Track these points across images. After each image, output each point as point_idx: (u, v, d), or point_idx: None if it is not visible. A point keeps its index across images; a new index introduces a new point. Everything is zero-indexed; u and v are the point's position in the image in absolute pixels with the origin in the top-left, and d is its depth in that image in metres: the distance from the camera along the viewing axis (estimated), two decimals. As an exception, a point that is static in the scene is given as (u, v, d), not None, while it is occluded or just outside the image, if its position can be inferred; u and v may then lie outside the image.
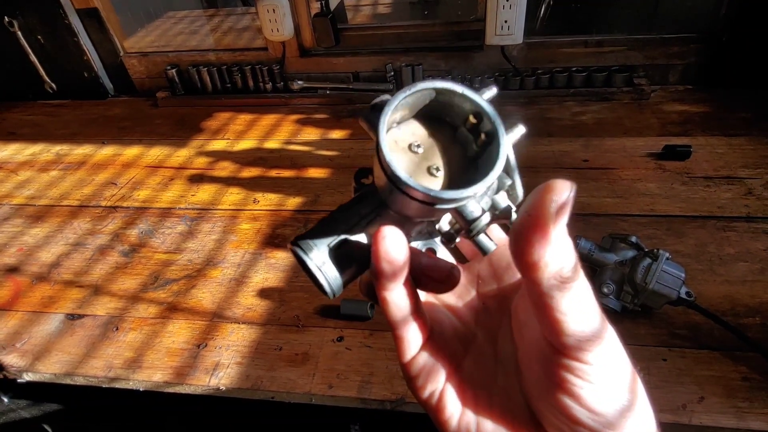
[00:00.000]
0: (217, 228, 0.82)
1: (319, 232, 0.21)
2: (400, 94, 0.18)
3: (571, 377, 0.18)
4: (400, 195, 0.18)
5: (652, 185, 0.80)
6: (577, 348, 0.17)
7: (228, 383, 0.59)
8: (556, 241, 0.16)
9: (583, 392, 0.18)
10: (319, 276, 0.21)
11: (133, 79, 1.27)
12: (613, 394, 0.18)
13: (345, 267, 0.21)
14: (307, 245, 0.21)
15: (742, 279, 0.63)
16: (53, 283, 0.75)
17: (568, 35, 1.07)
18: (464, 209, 0.19)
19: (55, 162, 1.05)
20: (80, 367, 0.63)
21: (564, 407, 0.18)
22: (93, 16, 1.19)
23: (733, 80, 1.02)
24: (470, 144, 0.20)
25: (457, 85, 0.19)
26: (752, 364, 0.53)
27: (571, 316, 0.17)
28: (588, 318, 0.18)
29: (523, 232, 0.17)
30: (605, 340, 0.18)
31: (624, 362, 0.19)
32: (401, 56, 1.10)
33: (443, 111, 0.20)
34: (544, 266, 0.16)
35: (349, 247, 0.21)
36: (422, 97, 0.19)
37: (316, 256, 0.20)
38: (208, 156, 1.01)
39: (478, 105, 0.19)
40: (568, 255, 0.17)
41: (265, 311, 0.67)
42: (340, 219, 0.21)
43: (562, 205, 0.16)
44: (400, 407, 0.55)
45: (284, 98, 1.16)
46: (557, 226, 0.16)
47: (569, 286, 0.17)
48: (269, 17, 1.05)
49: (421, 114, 0.20)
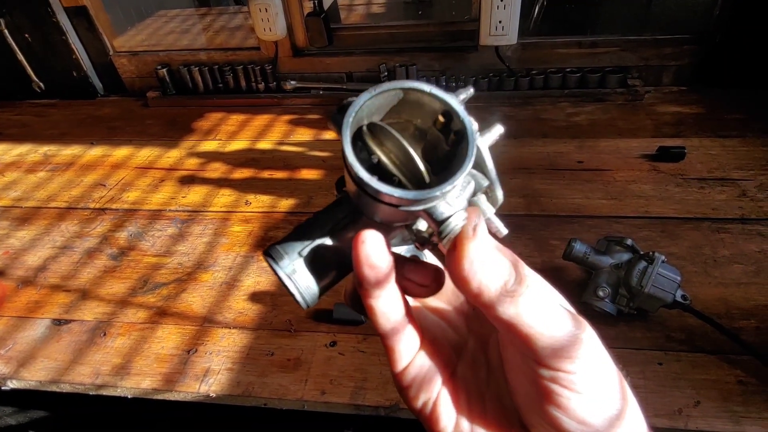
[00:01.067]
0: (208, 230, 0.81)
1: (292, 239, 0.20)
2: (365, 95, 0.18)
3: (556, 388, 0.17)
4: (366, 198, 0.18)
5: (647, 187, 0.80)
6: (555, 357, 0.17)
7: (218, 390, 0.57)
8: (479, 263, 0.16)
9: (570, 403, 0.17)
10: (289, 285, 0.20)
11: (123, 79, 1.25)
12: (601, 401, 0.18)
13: (320, 274, 0.20)
14: (277, 253, 0.20)
15: (737, 281, 0.63)
16: (39, 287, 0.74)
17: (562, 36, 1.07)
18: (434, 210, 0.18)
19: (43, 163, 1.03)
20: (67, 374, 0.61)
21: (553, 419, 0.18)
22: (82, 15, 1.17)
23: (727, 81, 1.02)
24: (441, 144, 0.19)
25: (425, 84, 0.18)
26: (748, 367, 0.53)
27: (537, 327, 0.17)
28: (557, 324, 0.17)
29: (449, 268, 0.17)
30: (584, 344, 0.17)
31: (608, 366, 0.18)
32: (395, 56, 1.10)
33: (413, 112, 0.19)
34: (485, 289, 0.17)
35: (324, 254, 0.20)
36: (390, 98, 0.18)
37: (286, 264, 0.20)
38: (199, 157, 1.00)
39: (446, 103, 0.18)
40: (502, 268, 0.17)
41: (256, 315, 0.66)
42: (315, 225, 0.21)
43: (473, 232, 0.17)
44: (394, 413, 0.54)
45: (277, 98, 1.15)
46: (473, 251, 0.17)
47: (520, 299, 0.17)
48: (261, 16, 1.04)
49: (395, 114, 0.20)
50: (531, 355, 0.17)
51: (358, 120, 0.18)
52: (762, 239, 0.68)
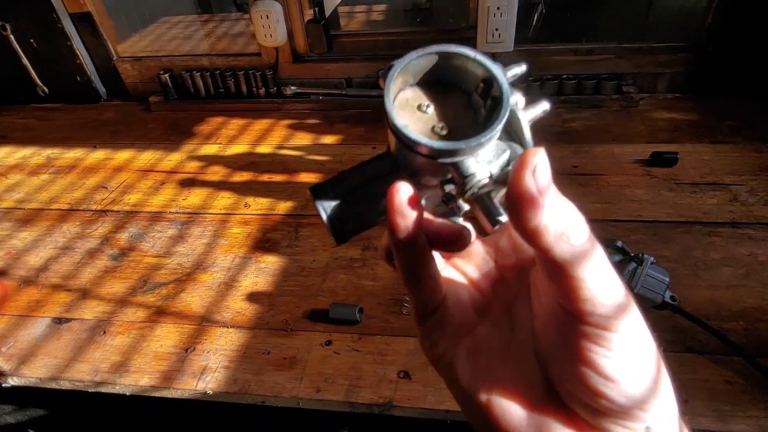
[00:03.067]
0: (207, 232, 0.82)
1: (334, 181, 0.22)
2: (412, 54, 0.19)
3: (589, 344, 0.17)
4: (400, 146, 0.19)
5: (640, 191, 0.81)
6: (595, 314, 0.17)
7: (215, 387, 0.58)
8: (546, 203, 0.16)
9: (601, 360, 0.17)
10: (324, 220, 0.21)
11: (126, 84, 1.27)
12: (633, 363, 0.18)
13: (354, 216, 0.22)
14: (318, 190, 0.22)
15: (727, 284, 0.64)
16: (41, 286, 0.75)
17: (558, 43, 1.09)
18: (461, 165, 0.19)
19: (46, 165, 1.05)
20: (66, 371, 0.62)
21: (582, 375, 0.18)
22: (86, 21, 1.19)
23: (720, 89, 1.04)
24: (480, 110, 0.20)
25: (470, 50, 0.19)
26: (735, 367, 0.54)
27: (587, 279, 0.17)
28: (605, 282, 0.17)
29: (512, 202, 0.17)
30: (624, 306, 0.17)
31: (644, 330, 0.18)
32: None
33: (458, 77, 0.20)
34: (544, 230, 0.16)
35: (360, 199, 0.22)
36: (435, 60, 0.20)
37: (324, 201, 0.21)
38: (199, 160, 1.02)
39: (488, 70, 0.19)
40: (568, 216, 0.17)
41: (253, 315, 0.67)
42: (357, 172, 0.22)
43: (535, 167, 0.16)
44: (388, 411, 0.55)
45: (277, 103, 1.17)
46: (541, 188, 0.16)
47: (579, 248, 0.16)
48: (263, 23, 1.06)
49: (437, 79, 0.21)
50: (571, 308, 0.17)
51: (405, 76, 0.20)
52: (752, 243, 0.69)
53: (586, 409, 0.18)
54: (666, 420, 0.18)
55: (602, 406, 0.18)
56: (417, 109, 0.20)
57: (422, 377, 0.57)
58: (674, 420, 0.19)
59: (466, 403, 0.22)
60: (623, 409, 0.18)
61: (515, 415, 0.20)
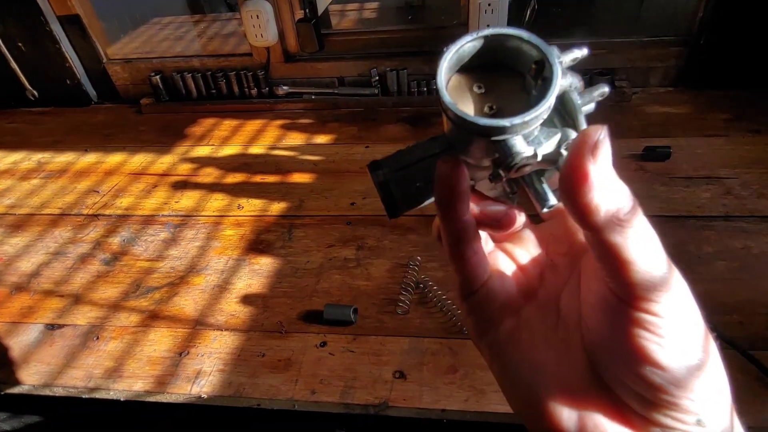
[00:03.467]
0: (200, 234, 0.82)
1: (391, 158, 0.23)
2: (467, 37, 0.19)
3: (639, 331, 0.17)
4: (450, 125, 0.20)
5: (634, 186, 0.78)
6: (645, 298, 0.17)
7: (210, 391, 0.58)
8: (600, 181, 0.16)
9: (651, 345, 0.17)
10: (379, 192, 0.22)
11: (116, 86, 1.26)
12: (684, 349, 0.17)
13: (407, 192, 0.23)
14: (375, 165, 0.23)
15: (721, 277, 0.64)
16: (33, 293, 0.74)
17: (550, 39, 1.08)
18: (508, 143, 0.19)
19: (36, 170, 1.04)
20: (60, 377, 0.62)
21: (629, 361, 0.17)
22: (75, 23, 1.18)
23: (712, 82, 1.04)
24: (531, 91, 0.20)
25: (524, 32, 0.19)
26: (731, 361, 0.54)
27: (636, 261, 0.16)
28: (655, 264, 0.17)
29: (566, 179, 0.16)
30: (674, 290, 0.17)
31: (696, 318, 0.18)
32: (386, 61, 1.11)
33: (513, 59, 0.21)
34: (596, 209, 0.16)
35: (414, 176, 0.22)
36: (489, 43, 0.20)
37: (380, 174, 0.22)
38: (192, 162, 1.01)
39: (540, 51, 0.19)
40: (621, 195, 0.16)
41: (248, 317, 0.67)
42: (413, 150, 0.23)
43: (595, 145, 0.16)
44: (384, 411, 0.55)
45: (269, 104, 1.16)
46: (597, 167, 0.16)
47: (629, 229, 0.16)
48: (253, 23, 1.05)
49: (491, 62, 0.21)
50: (619, 290, 0.17)
51: (459, 59, 0.20)
52: (745, 236, 0.69)
53: (634, 398, 0.18)
54: (717, 413, 0.18)
55: (653, 397, 0.17)
56: (469, 90, 0.21)
57: (417, 377, 0.57)
58: (726, 413, 0.18)
59: (508, 384, 0.22)
60: (673, 399, 0.17)
61: (559, 399, 0.19)
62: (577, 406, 0.19)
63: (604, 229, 0.16)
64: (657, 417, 0.18)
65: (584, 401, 0.19)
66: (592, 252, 0.18)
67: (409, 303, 0.65)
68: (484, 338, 0.23)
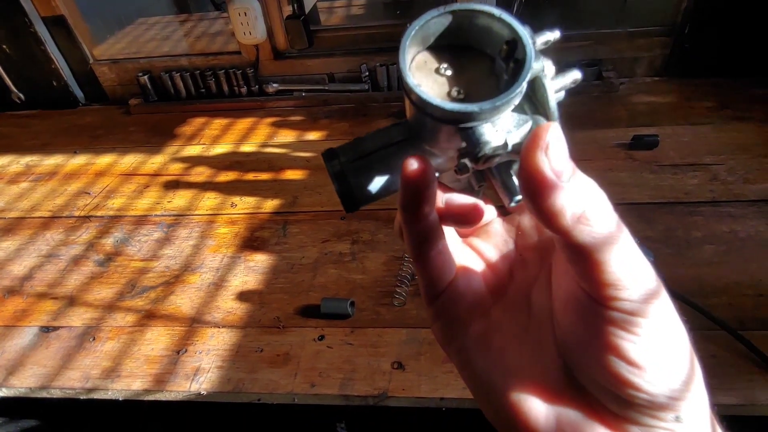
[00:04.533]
0: (194, 233, 0.81)
1: (348, 146, 0.21)
2: (432, 12, 0.18)
3: (614, 330, 0.16)
4: (414, 109, 0.18)
5: (623, 175, 0.83)
6: (618, 298, 0.16)
7: (209, 387, 0.58)
8: (562, 183, 0.15)
9: (627, 345, 0.16)
10: (334, 184, 0.20)
11: (104, 87, 1.25)
12: (661, 348, 0.16)
13: (364, 183, 0.21)
14: (330, 153, 0.21)
15: (709, 261, 0.65)
16: (26, 296, 0.74)
17: (536, 31, 1.09)
18: (476, 131, 0.17)
19: (25, 173, 1.03)
20: (56, 379, 0.61)
21: (608, 363, 0.17)
22: (60, 24, 1.16)
23: (697, 71, 1.06)
24: (502, 75, 0.19)
25: (495, 9, 0.17)
26: (720, 342, 0.55)
27: (608, 261, 0.15)
28: (628, 263, 0.16)
29: (524, 183, 0.16)
30: (649, 288, 0.16)
31: (672, 314, 0.17)
32: (375, 56, 1.11)
33: (482, 39, 0.19)
34: (560, 212, 0.15)
35: (372, 165, 0.21)
36: (457, 20, 0.18)
37: (335, 164, 0.20)
38: (183, 162, 1.00)
39: (513, 30, 0.17)
40: (587, 194, 0.16)
41: (245, 314, 0.67)
42: (371, 138, 0.21)
43: (548, 145, 0.15)
44: (383, 402, 0.55)
45: (259, 102, 1.16)
46: (555, 169, 0.15)
47: (599, 229, 0.15)
48: (241, 20, 1.05)
49: (459, 42, 0.19)
50: (593, 290, 0.16)
51: (424, 37, 0.18)
52: (732, 220, 0.71)
53: (611, 399, 0.17)
54: (696, 409, 0.17)
55: (628, 395, 0.17)
56: (435, 72, 0.19)
57: (416, 367, 0.57)
58: (705, 410, 0.18)
59: (479, 391, 0.20)
60: (651, 397, 0.17)
61: (533, 404, 0.19)
62: (553, 409, 0.18)
63: (572, 231, 0.15)
64: (635, 415, 0.17)
65: (560, 404, 0.18)
66: (562, 254, 0.17)
67: (405, 295, 0.65)
68: (452, 343, 0.21)
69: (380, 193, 0.21)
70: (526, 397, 0.19)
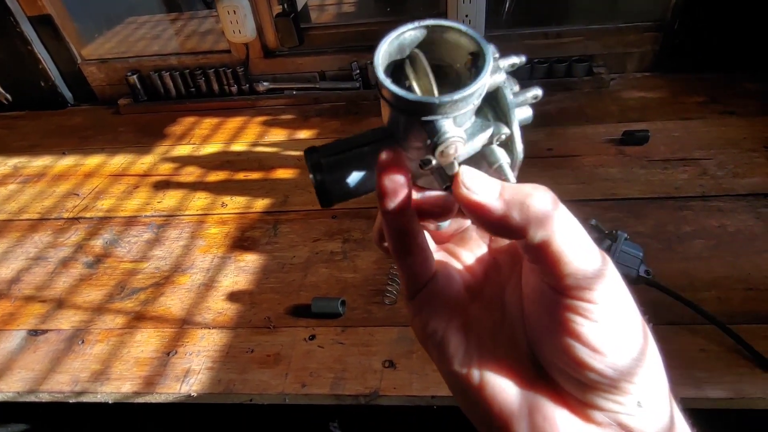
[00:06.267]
0: (184, 234, 0.81)
1: (329, 146, 0.22)
2: (407, 25, 0.20)
3: (573, 316, 0.18)
4: (387, 108, 0.20)
5: (614, 170, 0.83)
6: (578, 287, 0.17)
7: (199, 389, 0.58)
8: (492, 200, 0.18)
9: (585, 330, 0.17)
10: (312, 181, 0.22)
11: (92, 87, 1.23)
12: (618, 333, 0.18)
13: (342, 180, 0.22)
14: (311, 152, 0.22)
15: (699, 255, 0.65)
16: (13, 299, 0.73)
17: (528, 27, 1.09)
18: (435, 123, 0.19)
19: (13, 175, 1.02)
20: (45, 383, 0.61)
21: (566, 348, 0.18)
22: (47, 24, 1.15)
23: (687, 66, 1.06)
24: (466, 81, 0.20)
25: (461, 24, 0.20)
26: (709, 336, 0.55)
27: (565, 254, 0.17)
28: (584, 254, 0.17)
29: (467, 211, 0.18)
30: (606, 277, 0.18)
31: (629, 303, 0.18)
32: (366, 54, 1.11)
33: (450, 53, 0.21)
34: (507, 221, 0.17)
35: (351, 164, 0.22)
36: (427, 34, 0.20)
37: (315, 161, 0.22)
38: (173, 162, 1.00)
39: (477, 43, 0.19)
40: (528, 194, 0.18)
41: (235, 314, 0.66)
42: (352, 140, 0.22)
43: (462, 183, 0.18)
44: (375, 401, 0.55)
45: (250, 100, 1.15)
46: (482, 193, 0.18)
47: (551, 225, 0.17)
48: (230, 18, 1.04)
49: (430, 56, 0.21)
50: (554, 284, 0.18)
51: (400, 47, 0.20)
52: (721, 214, 0.71)
53: (574, 384, 0.18)
54: (656, 394, 0.18)
55: (589, 379, 0.18)
56: (405, 78, 0.21)
57: (407, 365, 0.57)
58: (664, 395, 0.19)
59: (456, 385, 0.21)
60: (610, 382, 0.18)
61: (507, 394, 0.20)
62: (525, 397, 0.20)
63: (527, 232, 0.17)
64: (597, 401, 0.18)
65: (533, 393, 0.20)
66: (525, 256, 0.19)
67: (396, 293, 0.65)
68: (431, 339, 0.22)
69: (355, 189, 0.23)
70: (500, 389, 0.20)
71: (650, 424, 0.18)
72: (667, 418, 0.19)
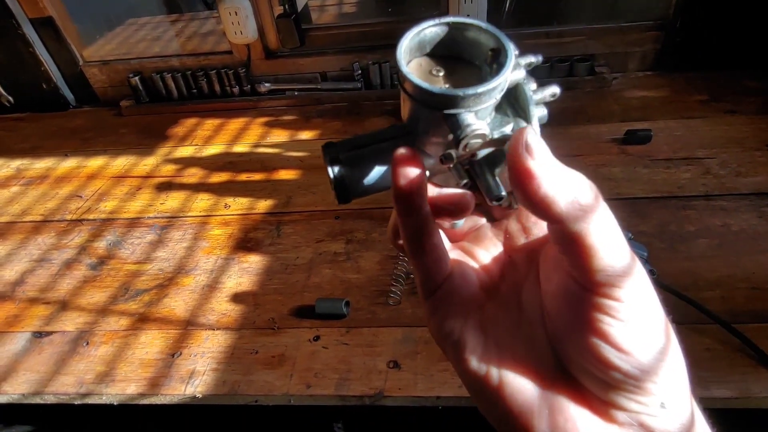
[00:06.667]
0: (187, 235, 0.81)
1: (347, 142, 0.22)
2: (429, 22, 0.20)
3: (600, 316, 0.17)
4: (408, 102, 0.20)
5: (616, 169, 0.83)
6: (607, 284, 0.17)
7: (204, 390, 0.58)
8: (546, 174, 0.16)
9: (612, 330, 0.17)
10: (330, 176, 0.22)
11: (94, 89, 1.24)
12: (644, 333, 0.17)
13: (359, 177, 0.22)
14: (329, 147, 0.22)
15: (702, 255, 0.65)
16: (18, 301, 0.73)
17: (529, 27, 1.09)
18: (458, 117, 0.19)
19: (15, 177, 1.02)
20: (50, 385, 0.61)
21: (592, 347, 0.17)
22: (48, 26, 1.15)
23: (689, 65, 1.06)
24: (487, 77, 0.20)
25: (482, 22, 0.20)
26: (714, 335, 0.55)
27: (599, 248, 0.17)
28: (617, 251, 0.17)
29: (514, 180, 0.17)
30: (635, 277, 0.17)
31: (655, 303, 0.18)
32: (368, 54, 1.11)
33: (471, 50, 0.21)
34: (553, 200, 0.16)
35: (368, 162, 0.22)
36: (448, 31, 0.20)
37: (332, 157, 0.22)
38: (175, 163, 1.00)
39: (498, 39, 0.19)
40: (576, 184, 0.17)
41: (239, 316, 0.66)
42: (369, 136, 0.22)
43: (527, 143, 0.17)
44: (379, 401, 0.55)
45: (252, 101, 1.15)
46: (537, 162, 0.17)
47: (592, 216, 0.17)
48: (232, 20, 1.04)
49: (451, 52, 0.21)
50: (582, 278, 0.17)
51: (420, 44, 0.21)
52: (725, 213, 0.71)
53: (597, 384, 0.18)
54: (678, 395, 0.18)
55: (614, 379, 0.18)
56: (428, 73, 0.21)
57: (412, 366, 0.57)
58: (686, 396, 0.19)
59: (474, 385, 0.21)
60: (635, 382, 0.17)
61: (526, 394, 0.19)
62: (545, 398, 0.19)
63: (566, 219, 0.17)
64: (620, 401, 0.18)
65: (553, 393, 0.19)
66: (555, 244, 0.18)
67: (400, 294, 0.65)
68: (448, 339, 0.22)
69: (373, 186, 0.23)
70: (520, 388, 0.20)
71: (672, 424, 0.18)
72: (688, 419, 0.18)
